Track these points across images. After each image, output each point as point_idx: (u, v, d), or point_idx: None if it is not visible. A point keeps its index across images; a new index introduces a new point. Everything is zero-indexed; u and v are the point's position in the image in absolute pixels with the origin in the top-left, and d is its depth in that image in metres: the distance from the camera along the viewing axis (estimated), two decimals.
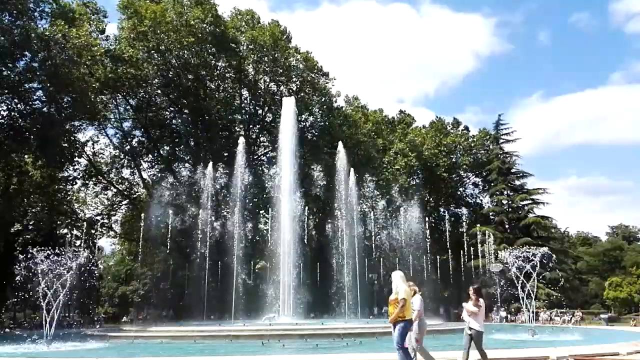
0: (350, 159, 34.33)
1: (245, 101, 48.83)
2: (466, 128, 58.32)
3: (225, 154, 42.90)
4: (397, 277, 9.07)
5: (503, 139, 51.58)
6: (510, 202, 49.11)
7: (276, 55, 44.54)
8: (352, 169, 32.66)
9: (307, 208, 36.98)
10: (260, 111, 48.95)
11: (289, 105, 33.83)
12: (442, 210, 58.98)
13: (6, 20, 30.40)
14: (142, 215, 36.01)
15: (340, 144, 34.41)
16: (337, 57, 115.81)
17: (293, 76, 46.08)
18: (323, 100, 49.22)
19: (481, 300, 10.09)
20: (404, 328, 8.73)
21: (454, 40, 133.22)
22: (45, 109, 33.95)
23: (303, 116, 47.70)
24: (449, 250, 56.24)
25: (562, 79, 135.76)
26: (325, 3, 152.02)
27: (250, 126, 48.39)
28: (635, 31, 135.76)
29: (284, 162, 32.20)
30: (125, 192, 46.62)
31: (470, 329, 9.87)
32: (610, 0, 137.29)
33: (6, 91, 31.90)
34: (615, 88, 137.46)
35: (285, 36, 45.66)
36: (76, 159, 39.85)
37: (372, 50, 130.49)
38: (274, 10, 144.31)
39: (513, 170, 50.16)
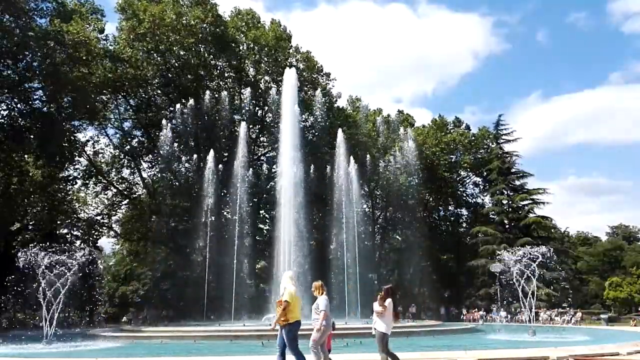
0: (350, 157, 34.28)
1: (245, 101, 48.84)
2: (467, 127, 58.35)
3: (225, 154, 42.92)
4: (286, 277, 8.70)
5: (503, 139, 51.61)
6: (510, 202, 49.12)
7: (277, 56, 44.57)
8: (351, 157, 32.74)
9: (307, 207, 36.99)
10: (260, 111, 48.95)
11: (290, 78, 33.98)
12: (442, 210, 59.02)
13: (6, 20, 30.44)
14: (143, 215, 36.05)
15: (340, 133, 34.44)
16: (334, 57, 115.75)
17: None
18: (324, 100, 49.21)
19: (388, 300, 9.54)
20: (290, 331, 8.42)
21: (452, 40, 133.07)
22: (45, 108, 34.00)
23: (303, 116, 47.68)
24: (449, 250, 56.42)
25: (561, 79, 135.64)
26: (322, 4, 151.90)
27: (250, 126, 48.41)
28: (633, 31, 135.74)
29: (284, 136, 32.22)
30: (125, 192, 46.63)
31: (375, 329, 9.50)
32: (608, 0, 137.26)
33: (6, 91, 31.93)
34: (614, 88, 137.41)
35: (286, 36, 45.71)
36: (76, 158, 39.91)
37: (369, 50, 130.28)
38: (270, 10, 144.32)
39: (513, 170, 50.17)
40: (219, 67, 46.39)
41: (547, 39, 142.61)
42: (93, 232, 46.15)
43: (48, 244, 19.07)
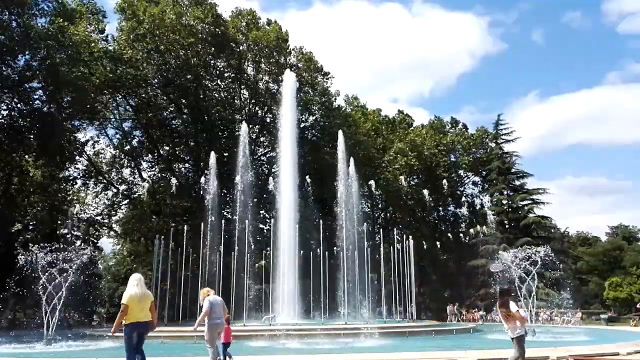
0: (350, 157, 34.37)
1: (245, 101, 48.87)
2: (464, 127, 58.39)
3: (225, 154, 42.94)
4: (130, 280, 8.71)
5: (503, 139, 51.60)
6: (510, 202, 49.12)
7: (277, 56, 44.61)
8: (351, 158, 32.83)
9: (307, 207, 37.03)
10: (260, 111, 48.98)
11: (289, 80, 34.30)
12: (441, 210, 59.03)
13: (6, 18, 30.46)
14: (143, 215, 36.04)
15: (340, 133, 34.50)
16: (330, 57, 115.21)
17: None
18: (323, 100, 49.26)
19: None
20: (125, 332, 8.52)
21: (448, 39, 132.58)
22: (45, 108, 34.00)
23: (303, 116, 47.72)
24: (449, 250, 56.38)
25: (558, 79, 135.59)
26: (317, 3, 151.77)
27: (250, 126, 48.45)
28: (629, 31, 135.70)
29: (284, 139, 32.55)
30: (125, 192, 46.66)
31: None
32: (603, 0, 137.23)
33: (6, 91, 31.95)
34: (611, 88, 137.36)
35: (287, 37, 45.77)
36: (76, 158, 39.96)
37: (365, 50, 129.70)
38: (265, 10, 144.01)
39: (513, 170, 50.16)
40: (218, 67, 46.42)
41: (542, 39, 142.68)
42: (93, 232, 46.19)
43: (48, 244, 19.09)
